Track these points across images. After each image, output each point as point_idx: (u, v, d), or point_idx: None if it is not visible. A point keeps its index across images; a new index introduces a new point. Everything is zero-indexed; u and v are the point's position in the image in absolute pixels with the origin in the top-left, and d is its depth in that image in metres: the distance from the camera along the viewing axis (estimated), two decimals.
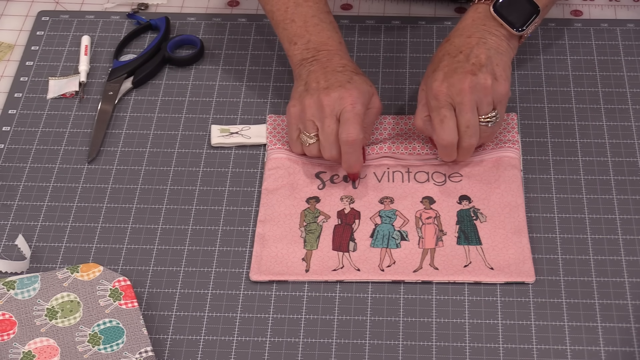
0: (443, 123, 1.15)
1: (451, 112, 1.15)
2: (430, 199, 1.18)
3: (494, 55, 1.17)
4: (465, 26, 1.20)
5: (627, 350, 1.05)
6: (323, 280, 1.11)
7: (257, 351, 1.07)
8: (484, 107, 1.15)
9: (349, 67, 1.20)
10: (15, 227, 1.18)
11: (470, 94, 1.14)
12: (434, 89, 1.15)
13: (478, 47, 1.17)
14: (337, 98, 1.16)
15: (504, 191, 1.18)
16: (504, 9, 1.19)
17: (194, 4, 1.45)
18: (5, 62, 1.38)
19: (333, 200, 1.19)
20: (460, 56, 1.17)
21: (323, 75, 1.19)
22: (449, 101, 1.15)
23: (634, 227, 1.15)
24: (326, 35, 1.23)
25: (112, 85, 1.32)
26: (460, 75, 1.15)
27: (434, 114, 1.16)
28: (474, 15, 1.20)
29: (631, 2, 1.42)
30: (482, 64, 1.15)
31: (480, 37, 1.18)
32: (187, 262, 1.14)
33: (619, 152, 1.23)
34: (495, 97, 1.16)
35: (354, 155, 1.17)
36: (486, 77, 1.15)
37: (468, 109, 1.14)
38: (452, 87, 1.14)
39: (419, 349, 1.06)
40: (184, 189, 1.21)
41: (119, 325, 1.06)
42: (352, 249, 1.14)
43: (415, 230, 1.15)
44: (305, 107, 1.18)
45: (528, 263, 1.11)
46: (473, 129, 1.15)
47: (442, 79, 1.15)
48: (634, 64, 1.33)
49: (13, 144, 1.27)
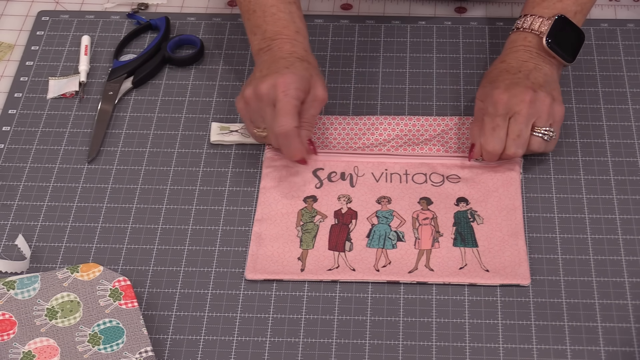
0: (494, 131, 1.17)
1: (505, 122, 1.16)
2: (428, 199, 1.18)
3: (549, 81, 1.20)
4: (517, 52, 1.22)
5: (627, 350, 1.05)
6: (318, 279, 1.11)
7: (257, 351, 1.07)
8: (542, 121, 1.17)
9: (297, 53, 1.20)
10: (15, 227, 1.18)
11: (529, 107, 1.16)
12: (495, 96, 1.17)
13: (536, 71, 1.20)
14: (271, 86, 1.15)
15: (502, 194, 1.18)
16: (555, 41, 1.22)
17: (194, 4, 1.45)
18: (5, 62, 1.38)
19: (330, 200, 1.19)
20: (519, 74, 1.19)
21: (267, 64, 1.19)
22: (506, 111, 1.16)
23: (634, 227, 1.15)
24: (282, 24, 1.23)
25: (112, 85, 1.32)
26: (522, 88, 1.17)
27: (487, 119, 1.17)
28: (524, 44, 1.23)
29: (631, 2, 1.42)
30: (541, 84, 1.18)
31: (536, 63, 1.21)
32: (187, 262, 1.14)
33: (619, 152, 1.23)
34: (553, 116, 1.17)
35: (290, 145, 1.16)
36: (546, 95, 1.17)
37: (523, 120, 1.16)
38: (513, 97, 1.16)
39: (419, 349, 1.06)
40: (184, 189, 1.21)
41: (119, 325, 1.06)
42: (348, 249, 1.14)
43: (412, 231, 1.15)
44: (247, 99, 1.18)
45: (524, 266, 1.11)
46: (522, 140, 1.17)
47: (504, 89, 1.17)
48: (634, 64, 1.33)
49: (13, 144, 1.27)
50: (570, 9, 1.23)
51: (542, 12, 1.23)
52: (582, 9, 1.24)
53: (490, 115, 1.17)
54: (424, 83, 1.32)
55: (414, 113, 1.28)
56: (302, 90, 1.16)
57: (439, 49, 1.36)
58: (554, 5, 1.23)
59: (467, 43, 1.36)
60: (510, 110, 1.16)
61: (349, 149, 1.23)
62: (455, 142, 1.23)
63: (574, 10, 1.24)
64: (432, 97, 1.30)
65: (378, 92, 1.31)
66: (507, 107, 1.16)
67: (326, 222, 1.17)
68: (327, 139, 1.24)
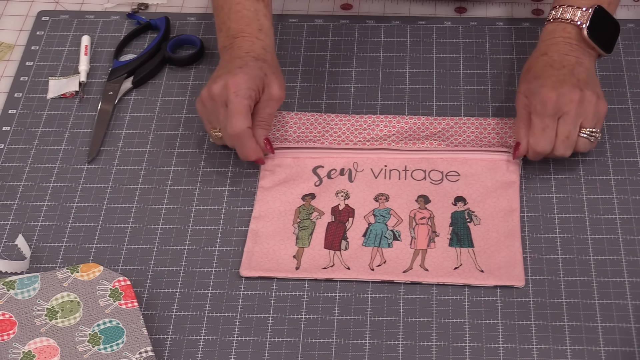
0: (544, 132, 1.16)
1: (554, 123, 1.16)
2: (426, 198, 1.18)
3: (591, 76, 1.19)
4: (558, 44, 1.21)
5: (627, 350, 1.05)
6: (312, 278, 1.11)
7: (257, 351, 1.07)
8: (589, 121, 1.17)
9: (254, 52, 1.20)
10: (15, 227, 1.18)
11: (578, 106, 1.15)
12: (543, 94, 1.16)
13: (578, 66, 1.19)
14: (223, 87, 1.16)
15: (500, 195, 1.18)
16: (594, 31, 1.21)
17: (194, 4, 1.45)
18: (5, 62, 1.38)
19: (328, 196, 1.19)
20: (564, 70, 1.18)
21: (223, 64, 1.19)
22: (555, 111, 1.16)
23: (634, 227, 1.15)
24: (245, 22, 1.22)
25: (112, 85, 1.32)
26: (569, 87, 1.16)
27: (537, 119, 1.16)
28: (563, 35, 1.22)
29: (631, 2, 1.42)
30: (586, 81, 1.18)
31: (577, 56, 1.20)
32: (187, 262, 1.14)
33: (619, 152, 1.23)
34: (598, 115, 1.17)
35: (245, 146, 1.16)
36: (592, 94, 1.16)
37: (572, 121, 1.16)
38: (562, 97, 1.15)
39: (419, 349, 1.06)
40: (184, 189, 1.21)
41: (119, 325, 1.06)
42: (344, 248, 1.14)
43: (409, 230, 1.15)
44: (203, 100, 1.18)
45: (518, 267, 1.11)
46: (571, 141, 1.16)
47: (552, 87, 1.16)
48: (634, 64, 1.33)
49: (13, 144, 1.27)
50: (604, 0, 1.23)
51: (578, 2, 1.22)
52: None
53: (539, 114, 1.16)
54: (424, 83, 1.32)
55: (414, 113, 1.28)
56: (254, 90, 1.16)
57: (439, 49, 1.36)
58: None
59: (467, 43, 1.36)
60: (559, 111, 1.16)
61: (349, 143, 1.23)
62: (456, 138, 1.23)
63: (607, 1, 1.23)
64: (432, 97, 1.30)
65: (378, 92, 1.31)
66: (556, 106, 1.15)
67: (323, 219, 1.17)
68: (324, 135, 1.24)
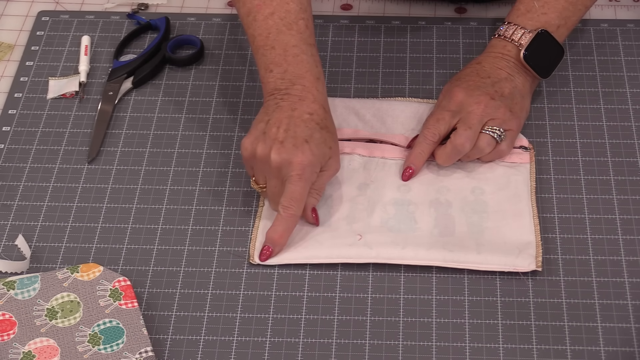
0: (438, 122, 1.18)
1: (451, 119, 1.17)
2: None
3: (517, 95, 1.20)
4: (495, 57, 1.22)
5: (627, 350, 1.05)
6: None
7: (257, 351, 1.07)
8: (495, 123, 1.17)
9: (317, 116, 1.13)
10: (15, 227, 1.18)
11: (483, 110, 1.17)
12: (453, 92, 1.18)
13: (506, 81, 1.20)
14: (286, 162, 1.10)
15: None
16: (532, 54, 1.22)
17: (194, 4, 1.45)
18: (5, 62, 1.38)
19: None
20: (487, 80, 1.19)
21: (286, 121, 1.12)
22: (459, 109, 1.17)
23: (634, 227, 1.15)
24: (305, 67, 1.16)
25: (112, 85, 1.32)
26: (480, 92, 1.18)
27: (436, 110, 1.19)
28: (503, 52, 1.23)
29: (631, 2, 1.42)
30: (504, 95, 1.18)
31: (509, 73, 1.21)
32: (187, 262, 1.14)
33: (619, 152, 1.23)
34: (504, 126, 1.18)
35: (283, 225, 1.12)
36: (504, 107, 1.18)
37: (475, 118, 1.16)
38: (469, 98, 1.17)
39: (419, 349, 1.06)
40: (184, 189, 1.21)
41: (119, 325, 1.06)
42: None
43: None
44: (257, 156, 1.12)
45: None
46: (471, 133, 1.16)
47: (464, 88, 1.18)
48: (634, 64, 1.33)
49: (13, 144, 1.27)
50: (553, 23, 1.23)
51: (525, 22, 1.23)
52: (566, 22, 1.24)
53: (441, 107, 1.18)
54: (424, 83, 1.32)
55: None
56: (317, 171, 1.12)
57: (439, 49, 1.36)
58: (538, 17, 1.23)
59: (467, 43, 1.36)
60: (462, 110, 1.17)
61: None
62: None
63: (556, 24, 1.24)
64: (432, 98, 1.30)
65: (378, 92, 1.31)
66: (460, 105, 1.17)
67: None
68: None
